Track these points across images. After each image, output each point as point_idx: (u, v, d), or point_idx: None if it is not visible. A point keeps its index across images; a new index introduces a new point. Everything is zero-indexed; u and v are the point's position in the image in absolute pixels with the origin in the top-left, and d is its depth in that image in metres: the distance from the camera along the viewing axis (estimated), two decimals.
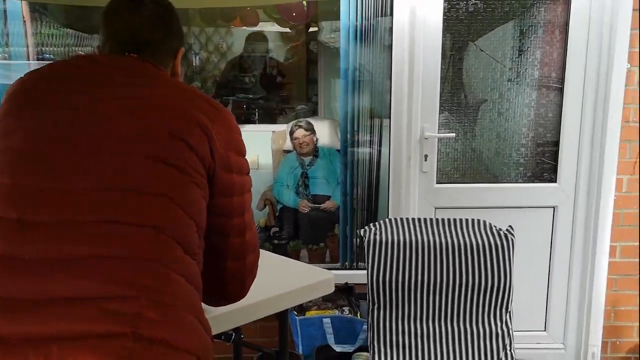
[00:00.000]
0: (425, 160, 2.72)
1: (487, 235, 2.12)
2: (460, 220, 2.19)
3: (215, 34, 5.11)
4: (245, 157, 1.26)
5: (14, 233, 0.96)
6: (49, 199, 0.99)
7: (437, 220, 2.19)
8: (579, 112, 2.69)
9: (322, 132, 3.84)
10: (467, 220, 2.18)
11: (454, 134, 2.74)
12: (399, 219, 2.19)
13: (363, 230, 2.14)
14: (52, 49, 4.04)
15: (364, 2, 2.68)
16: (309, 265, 1.94)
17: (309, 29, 4.69)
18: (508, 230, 2.14)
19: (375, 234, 2.12)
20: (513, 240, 2.11)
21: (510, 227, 2.16)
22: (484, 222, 2.17)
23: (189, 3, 2.18)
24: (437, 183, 2.76)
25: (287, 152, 3.93)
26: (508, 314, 2.09)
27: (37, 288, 0.90)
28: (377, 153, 2.90)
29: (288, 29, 4.76)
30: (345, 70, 2.80)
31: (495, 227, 2.16)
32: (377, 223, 2.17)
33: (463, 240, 2.11)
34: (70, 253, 0.95)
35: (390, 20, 2.63)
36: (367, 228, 2.14)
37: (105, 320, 0.88)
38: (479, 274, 2.06)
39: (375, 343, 2.07)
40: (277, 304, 1.68)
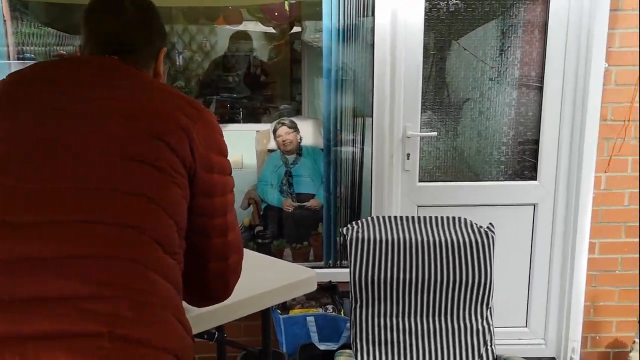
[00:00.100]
0: (408, 159, 2.74)
1: (467, 233, 2.14)
2: (442, 218, 2.21)
3: (199, 33, 5.09)
4: (227, 157, 1.26)
5: None
6: (30, 200, 0.99)
7: (418, 218, 2.21)
8: (558, 110, 2.73)
9: (305, 131, 3.84)
10: (448, 218, 2.20)
11: (436, 133, 2.77)
12: (381, 217, 2.20)
13: (345, 229, 2.16)
14: (33, 49, 3.99)
15: (346, 3, 2.69)
16: (292, 264, 1.95)
17: (293, 29, 4.69)
18: (488, 228, 2.16)
19: (358, 232, 2.13)
20: (493, 238, 2.13)
21: (491, 224, 2.18)
22: (465, 219, 2.20)
23: (172, 2, 2.18)
24: (419, 181, 2.79)
25: (271, 151, 3.93)
26: (489, 310, 2.11)
27: (13, 288, 0.90)
28: (360, 152, 2.92)
29: (272, 28, 4.75)
30: (328, 70, 2.81)
31: (476, 224, 2.18)
32: (359, 221, 2.18)
33: (444, 238, 2.13)
34: (48, 253, 0.94)
35: (372, 21, 2.64)
36: (349, 226, 2.16)
37: (82, 320, 0.88)
38: (460, 271, 2.09)
39: (358, 340, 2.08)
40: (259, 303, 1.69)
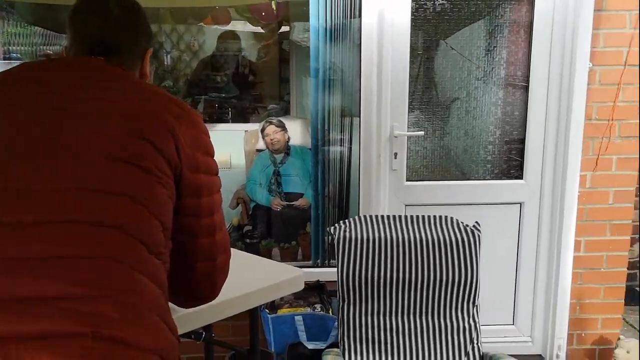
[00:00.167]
0: (395, 158, 2.75)
1: (454, 231, 2.16)
2: (429, 217, 2.22)
3: (187, 33, 5.08)
4: (214, 157, 1.27)
5: None
6: (15, 200, 0.99)
7: (405, 217, 2.22)
8: (544, 110, 2.76)
9: (294, 130, 3.84)
10: (434, 217, 2.22)
11: (423, 132, 2.79)
12: (368, 216, 2.21)
13: (333, 228, 2.17)
14: (19, 48, 3.97)
15: (333, 3, 2.70)
16: (279, 263, 1.96)
17: (281, 28, 4.70)
18: (475, 226, 2.18)
19: (345, 231, 2.14)
20: (479, 236, 2.15)
21: (477, 223, 2.20)
22: (452, 218, 2.21)
23: (158, 2, 2.17)
24: (406, 180, 2.80)
25: (259, 151, 3.93)
26: (475, 308, 2.13)
27: None
28: (348, 151, 2.93)
29: (260, 28, 4.75)
30: (316, 70, 2.82)
31: (462, 223, 2.19)
32: (346, 220, 2.19)
33: (431, 236, 2.15)
34: (33, 253, 0.94)
35: (360, 21, 2.65)
36: (336, 225, 2.17)
37: (66, 320, 0.88)
38: (446, 269, 2.10)
39: (346, 339, 2.09)
40: (246, 302, 1.69)
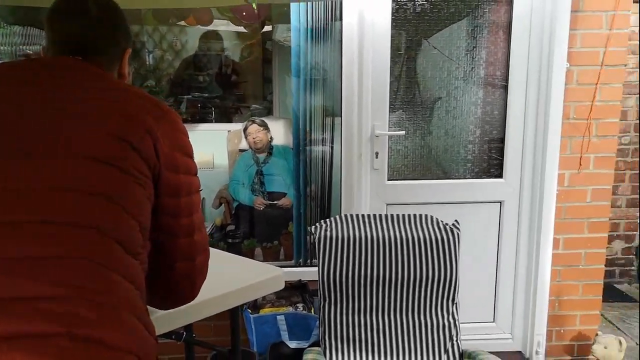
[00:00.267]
0: (377, 158, 2.77)
1: (433, 230, 2.18)
2: (408, 216, 2.24)
3: (169, 32, 5.06)
4: (193, 158, 1.27)
5: None
6: None
7: (385, 216, 2.24)
8: (523, 109, 2.79)
9: (277, 130, 3.85)
10: (414, 216, 2.24)
11: (404, 132, 2.81)
12: (349, 216, 2.23)
13: (314, 227, 2.17)
14: None
15: (314, 3, 2.71)
16: (259, 263, 1.96)
17: (264, 28, 4.69)
18: (454, 225, 2.20)
19: (326, 231, 2.15)
20: (458, 234, 2.17)
21: (456, 221, 2.22)
22: (431, 217, 2.23)
23: (136, 3, 2.17)
24: (388, 180, 2.82)
25: (242, 151, 3.93)
26: (454, 306, 2.15)
27: None
28: (329, 151, 2.94)
29: (243, 28, 4.74)
30: (297, 69, 2.83)
31: (442, 221, 2.22)
32: (327, 220, 2.20)
33: (411, 235, 2.16)
34: (8, 253, 0.94)
35: (340, 21, 2.66)
36: (317, 225, 2.18)
37: (41, 321, 0.88)
38: (426, 268, 2.12)
39: (327, 337, 2.10)
40: (226, 302, 1.69)
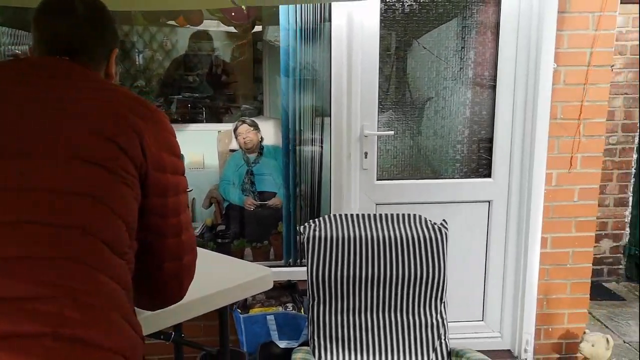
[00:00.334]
0: (366, 158, 2.78)
1: (422, 229, 2.19)
2: (397, 215, 2.25)
3: (159, 32, 5.04)
4: (180, 157, 1.27)
5: None
6: None
7: (374, 216, 2.25)
8: (511, 110, 2.81)
9: (267, 131, 3.85)
10: (403, 215, 2.25)
11: (393, 132, 2.82)
12: (338, 215, 2.24)
13: (303, 227, 2.18)
14: None
15: (303, 5, 2.71)
16: (247, 262, 1.97)
17: (254, 28, 4.69)
18: (442, 224, 2.21)
19: (315, 230, 2.16)
20: (446, 234, 2.19)
21: (444, 220, 2.23)
22: (420, 216, 2.24)
23: (123, 5, 2.18)
24: (377, 180, 2.83)
25: (232, 151, 3.94)
26: (442, 305, 2.17)
27: None
28: (319, 151, 2.94)
29: (233, 28, 4.73)
30: (287, 69, 2.83)
31: (430, 221, 2.23)
32: (316, 220, 2.21)
33: (399, 235, 2.17)
34: None
35: (329, 21, 2.67)
36: (306, 225, 2.18)
37: (26, 321, 0.88)
38: (415, 267, 2.13)
39: (316, 337, 2.11)
40: (214, 301, 1.70)
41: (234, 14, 3.29)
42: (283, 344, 2.63)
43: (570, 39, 2.68)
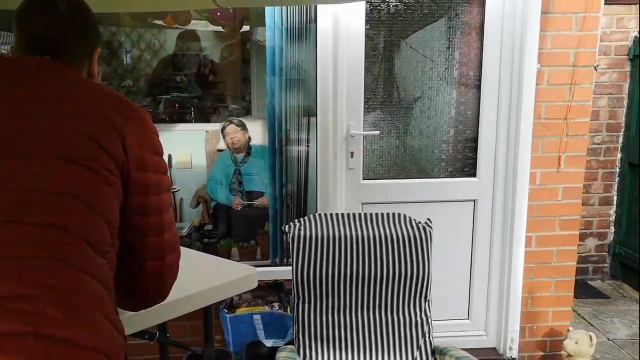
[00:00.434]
0: (352, 157, 2.79)
1: (406, 228, 2.21)
2: (382, 215, 2.26)
3: (147, 32, 5.03)
4: (162, 156, 1.28)
5: None
6: None
7: (359, 215, 2.26)
8: (495, 109, 2.84)
9: (255, 131, 3.85)
10: (387, 214, 2.26)
11: (378, 132, 2.83)
12: (323, 215, 2.24)
13: (288, 227, 2.19)
14: None
15: (289, 8, 2.72)
16: (232, 262, 1.98)
17: (242, 28, 4.68)
18: (426, 223, 2.23)
19: (300, 230, 2.17)
20: (431, 233, 2.20)
21: (429, 219, 2.25)
22: (404, 215, 2.26)
23: (107, 7, 2.18)
24: (363, 179, 2.85)
25: (220, 151, 3.94)
26: (427, 303, 2.18)
27: None
28: (305, 150, 2.95)
29: (221, 28, 4.73)
30: (273, 69, 2.83)
31: (415, 220, 2.24)
32: (301, 219, 2.22)
33: (384, 234, 2.19)
34: None
35: (315, 21, 2.68)
36: (291, 224, 2.19)
37: (8, 320, 0.88)
38: (399, 265, 2.15)
39: (300, 336, 2.12)
40: (198, 301, 1.70)
41: (220, 14, 3.29)
42: (269, 344, 2.64)
43: (554, 40, 2.71)
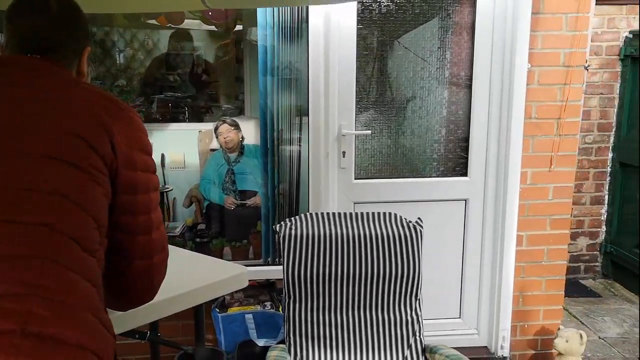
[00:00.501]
0: (343, 157, 2.80)
1: (397, 227, 2.21)
2: (372, 214, 2.27)
3: (141, 31, 5.02)
4: (151, 155, 1.28)
5: None
6: None
7: (350, 214, 2.26)
8: (486, 109, 2.85)
9: (248, 130, 3.86)
10: (378, 214, 2.27)
11: (370, 131, 2.84)
12: (314, 214, 2.25)
13: (278, 226, 2.19)
14: None
15: (281, 7, 2.72)
16: (222, 261, 1.98)
17: (236, 27, 4.68)
18: (417, 222, 2.23)
19: (291, 229, 2.17)
20: (421, 232, 2.21)
21: (419, 219, 2.25)
22: (395, 214, 2.27)
23: (96, 8, 2.18)
24: (355, 179, 2.85)
25: (213, 150, 3.94)
26: (417, 302, 2.19)
27: None
28: (297, 150, 2.96)
29: (214, 27, 4.73)
30: (265, 68, 2.83)
31: (406, 219, 2.25)
32: (292, 218, 2.22)
33: (375, 233, 2.19)
34: None
35: (307, 20, 2.68)
36: (282, 223, 2.19)
37: None
38: (389, 264, 2.15)
39: (291, 335, 2.12)
40: (189, 300, 1.70)
41: (211, 14, 3.29)
42: (261, 343, 2.64)
43: (544, 40, 2.72)
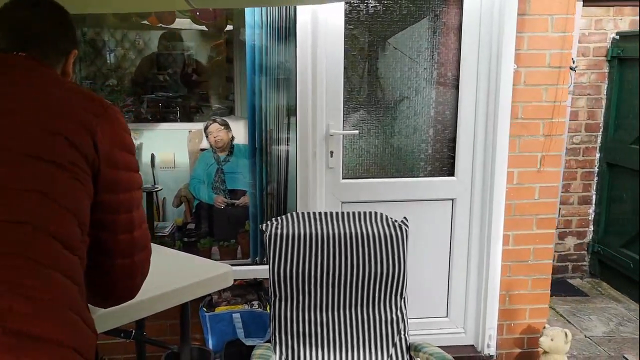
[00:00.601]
0: (331, 157, 2.81)
1: (382, 227, 2.23)
2: (358, 213, 2.28)
3: (131, 31, 5.02)
4: (134, 154, 1.29)
5: None
6: None
7: (336, 214, 2.27)
8: (473, 110, 2.87)
9: (238, 130, 3.87)
10: (364, 213, 2.28)
11: (357, 131, 2.85)
12: (300, 213, 2.26)
13: (265, 225, 2.20)
14: None
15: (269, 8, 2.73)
16: (207, 260, 1.99)
17: (227, 27, 4.69)
18: (402, 222, 2.25)
19: (277, 228, 2.18)
20: (407, 231, 2.23)
21: (405, 218, 2.27)
22: (381, 214, 2.28)
23: (82, 8, 2.19)
24: (343, 178, 2.87)
25: (203, 150, 3.95)
26: (402, 300, 2.21)
27: None
28: (285, 149, 2.96)
29: (205, 27, 4.73)
30: (253, 67, 2.83)
31: (391, 218, 2.26)
32: (279, 218, 2.23)
33: (360, 232, 2.21)
34: None
35: (295, 20, 2.69)
36: (268, 223, 2.20)
37: None
38: (375, 263, 2.17)
39: (277, 334, 2.13)
40: (173, 298, 1.71)
41: (199, 13, 3.30)
42: (249, 342, 2.65)
43: (530, 41, 2.74)
